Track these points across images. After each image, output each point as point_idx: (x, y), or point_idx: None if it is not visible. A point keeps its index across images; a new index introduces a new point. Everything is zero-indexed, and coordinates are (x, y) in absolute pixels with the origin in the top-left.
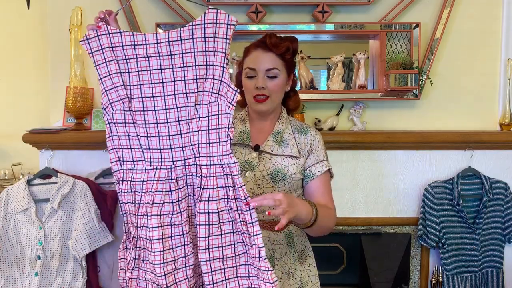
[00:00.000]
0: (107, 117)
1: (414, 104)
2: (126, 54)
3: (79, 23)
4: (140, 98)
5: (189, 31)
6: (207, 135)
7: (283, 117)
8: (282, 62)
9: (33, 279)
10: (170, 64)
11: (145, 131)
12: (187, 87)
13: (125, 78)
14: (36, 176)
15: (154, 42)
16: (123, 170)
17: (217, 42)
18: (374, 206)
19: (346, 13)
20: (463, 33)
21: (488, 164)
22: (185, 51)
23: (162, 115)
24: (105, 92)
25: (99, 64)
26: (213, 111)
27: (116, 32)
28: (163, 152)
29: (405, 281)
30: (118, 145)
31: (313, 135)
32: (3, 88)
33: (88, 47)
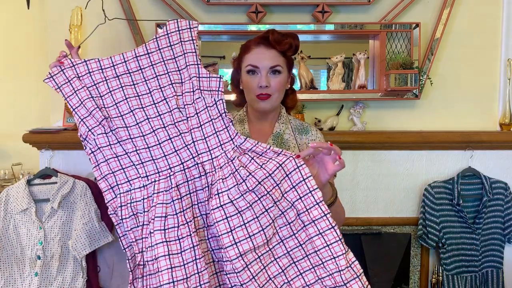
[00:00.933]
0: (89, 146)
1: (414, 104)
2: (95, 79)
3: (79, 23)
4: (120, 116)
5: (154, 43)
6: (200, 131)
7: (283, 117)
8: (284, 59)
9: (33, 279)
10: (142, 77)
11: (133, 146)
12: (164, 93)
13: (98, 101)
14: (36, 176)
15: (122, 61)
16: (120, 194)
17: (184, 45)
18: (374, 206)
19: (346, 13)
20: (463, 33)
21: (488, 164)
22: (154, 62)
23: (146, 125)
24: (81, 121)
25: (69, 96)
26: (201, 107)
27: (81, 62)
28: (157, 162)
29: (405, 281)
30: (108, 170)
31: (314, 135)
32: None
33: (53, 83)
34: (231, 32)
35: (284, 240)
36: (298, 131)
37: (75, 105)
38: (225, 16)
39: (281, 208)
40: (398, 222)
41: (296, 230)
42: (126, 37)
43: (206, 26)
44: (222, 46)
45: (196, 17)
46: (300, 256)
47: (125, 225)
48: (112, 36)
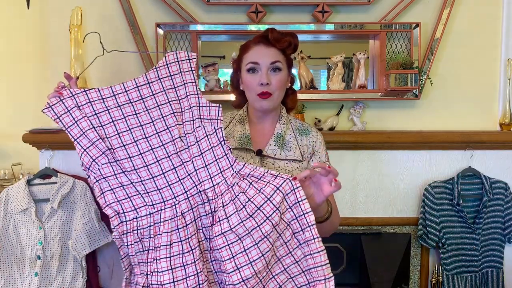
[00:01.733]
0: (93, 175)
1: (414, 104)
2: (96, 109)
3: (79, 23)
4: (123, 147)
5: (154, 73)
6: (201, 159)
7: (283, 117)
8: (284, 57)
9: (33, 279)
10: (144, 107)
11: (138, 177)
12: (167, 123)
13: (100, 131)
14: (36, 176)
15: (122, 91)
16: (126, 222)
17: (184, 75)
18: (374, 206)
19: (346, 13)
20: (463, 33)
21: (488, 164)
22: (155, 92)
23: (150, 156)
24: (84, 151)
25: (70, 126)
26: (201, 136)
27: (80, 92)
28: (162, 191)
29: (405, 281)
30: (114, 199)
31: (315, 136)
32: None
33: (52, 113)
34: (231, 32)
35: (281, 258)
36: (299, 131)
37: (76, 136)
38: (225, 16)
39: (279, 230)
40: (398, 222)
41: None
42: (126, 37)
43: (206, 26)
44: (222, 46)
45: (196, 17)
46: (296, 272)
47: (130, 251)
48: (113, 37)
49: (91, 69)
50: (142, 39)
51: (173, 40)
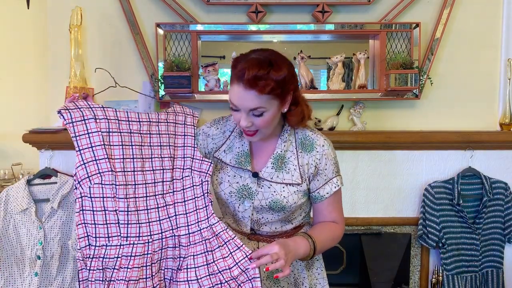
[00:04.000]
0: (80, 190)
1: (414, 104)
2: (111, 127)
3: (79, 23)
4: (123, 172)
5: (165, 115)
6: (183, 206)
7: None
8: (269, 96)
9: (33, 279)
10: (149, 142)
11: (125, 206)
12: (163, 163)
13: (108, 151)
14: (36, 176)
15: (136, 120)
16: (94, 246)
17: (186, 127)
18: (374, 206)
19: (346, 13)
20: (463, 33)
21: (488, 164)
22: (161, 132)
23: (141, 189)
24: (84, 164)
25: (80, 135)
26: (188, 184)
27: (99, 107)
28: (141, 226)
29: (405, 281)
30: (91, 220)
31: (320, 152)
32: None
33: (68, 117)
34: (231, 32)
35: None
36: (302, 147)
37: (83, 146)
38: (225, 16)
39: None
40: (398, 222)
41: None
42: (126, 37)
43: (206, 26)
44: (222, 46)
45: (196, 17)
46: None
47: (90, 275)
48: (113, 36)
49: (91, 69)
50: (142, 39)
51: (173, 40)
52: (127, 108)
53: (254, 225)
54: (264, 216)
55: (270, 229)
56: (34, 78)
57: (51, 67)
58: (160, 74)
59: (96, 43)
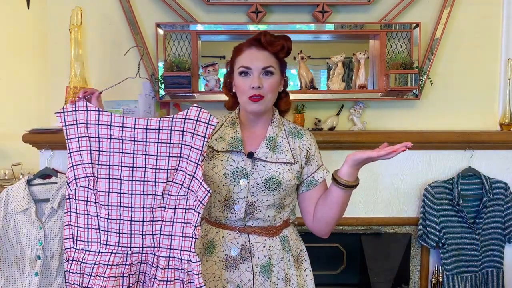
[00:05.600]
0: (69, 192)
1: (414, 104)
2: (100, 133)
3: (79, 23)
4: (107, 179)
5: (168, 122)
6: (170, 227)
7: (276, 120)
8: (276, 60)
9: (33, 279)
10: (144, 150)
11: (106, 213)
12: (157, 175)
13: (94, 156)
14: (36, 176)
15: (132, 126)
16: (75, 249)
17: (195, 138)
18: (374, 206)
19: (346, 13)
20: (463, 33)
21: (488, 164)
22: (161, 141)
23: (127, 199)
24: (72, 167)
25: (71, 139)
26: (181, 205)
27: (94, 110)
28: (122, 236)
29: (405, 281)
30: (75, 222)
31: (309, 139)
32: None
33: (62, 120)
34: (231, 32)
35: None
36: (292, 134)
37: (72, 149)
38: (225, 16)
39: None
40: (398, 222)
41: None
42: (126, 37)
43: (206, 26)
44: (222, 46)
45: (196, 17)
46: None
47: (70, 278)
48: (113, 36)
49: (91, 69)
50: (142, 39)
51: (173, 40)
52: (127, 108)
53: (249, 209)
54: (259, 198)
55: (263, 216)
56: (34, 78)
57: (51, 67)
58: (160, 74)
59: (96, 43)
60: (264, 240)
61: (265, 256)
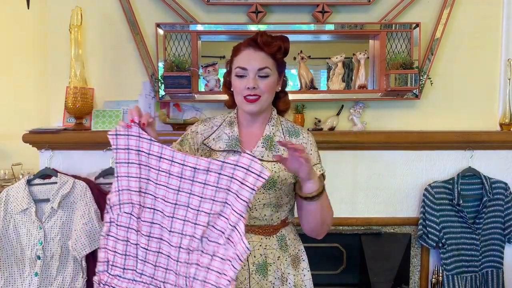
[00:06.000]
0: (110, 215)
1: (414, 104)
2: (150, 163)
3: (79, 23)
4: (152, 210)
5: (218, 166)
6: (205, 273)
7: (273, 119)
8: (273, 61)
9: (33, 279)
10: (189, 189)
11: (147, 243)
12: (198, 217)
13: (143, 184)
14: (36, 176)
15: (181, 162)
16: (109, 274)
17: (242, 188)
18: (374, 206)
19: (346, 13)
20: (463, 33)
21: (488, 164)
22: (208, 183)
23: (166, 234)
24: (118, 191)
25: (121, 163)
26: (219, 253)
27: (147, 138)
28: (157, 269)
29: (405, 281)
30: (112, 247)
31: (305, 138)
32: (3, 88)
33: (114, 142)
34: (231, 32)
35: None
36: (289, 133)
37: (120, 174)
38: (225, 16)
39: None
40: (398, 222)
41: None
42: (126, 37)
43: (206, 26)
44: (222, 46)
45: (196, 17)
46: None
47: None
48: (113, 36)
49: (91, 69)
50: (142, 39)
51: (173, 40)
52: (127, 108)
53: None
54: (255, 197)
55: (259, 215)
56: (34, 78)
57: (51, 67)
58: (160, 74)
59: (96, 43)
60: (260, 238)
61: (261, 255)
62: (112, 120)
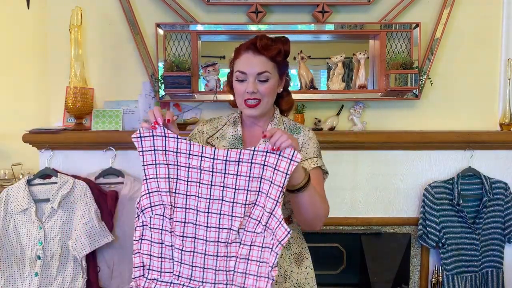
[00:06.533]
0: (142, 219)
1: (414, 104)
2: (179, 161)
3: (79, 23)
4: (184, 209)
5: (249, 155)
6: (245, 264)
7: (276, 118)
8: (274, 64)
9: (33, 279)
10: (222, 182)
11: (181, 244)
12: (234, 209)
13: (172, 184)
14: (36, 176)
15: (211, 157)
16: (146, 279)
17: (276, 174)
18: (374, 206)
19: (346, 13)
20: (463, 33)
21: (488, 164)
22: (240, 173)
23: (202, 231)
24: (148, 194)
25: (148, 165)
26: (257, 242)
27: (173, 137)
28: (195, 270)
29: (405, 281)
30: (148, 251)
31: (306, 134)
32: (3, 88)
33: (139, 145)
34: (231, 32)
35: None
36: (291, 131)
37: (149, 176)
38: (225, 16)
39: None
40: (398, 222)
41: None
42: (126, 37)
43: (206, 26)
44: (222, 46)
45: (196, 17)
46: None
47: None
48: (113, 36)
49: (91, 69)
50: (142, 39)
51: (173, 40)
52: (127, 108)
53: None
54: None
55: None
56: (34, 78)
57: (51, 67)
58: (160, 74)
59: (96, 43)
60: None
61: None
62: (112, 120)
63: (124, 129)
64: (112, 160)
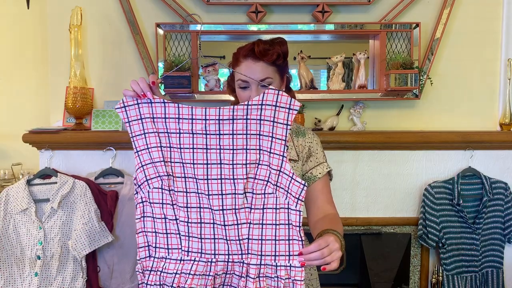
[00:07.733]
0: (141, 195)
1: (414, 104)
2: (169, 128)
3: (79, 23)
4: (183, 178)
5: (243, 110)
6: (260, 230)
7: None
8: (274, 68)
9: (33, 279)
10: (218, 144)
11: (186, 216)
12: (235, 172)
13: (166, 153)
14: (36, 176)
15: (202, 118)
16: (154, 258)
17: (275, 127)
18: (374, 206)
19: (346, 13)
20: (463, 33)
21: (488, 164)
22: (236, 132)
23: (205, 199)
24: (142, 167)
25: (137, 136)
26: (270, 204)
27: (159, 102)
28: (204, 242)
29: (405, 281)
30: (151, 228)
31: (311, 137)
32: (3, 88)
33: (124, 115)
34: (231, 32)
35: None
36: (295, 133)
37: (140, 147)
38: (225, 16)
39: None
40: (398, 222)
41: None
42: (126, 37)
43: (206, 26)
44: (222, 46)
45: (196, 17)
46: None
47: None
48: (113, 36)
49: (91, 69)
50: (142, 39)
51: (173, 40)
52: None
53: None
54: None
55: None
56: (34, 78)
57: (51, 67)
58: (160, 74)
59: (96, 43)
60: None
61: None
62: (112, 120)
63: (124, 129)
64: (112, 160)
